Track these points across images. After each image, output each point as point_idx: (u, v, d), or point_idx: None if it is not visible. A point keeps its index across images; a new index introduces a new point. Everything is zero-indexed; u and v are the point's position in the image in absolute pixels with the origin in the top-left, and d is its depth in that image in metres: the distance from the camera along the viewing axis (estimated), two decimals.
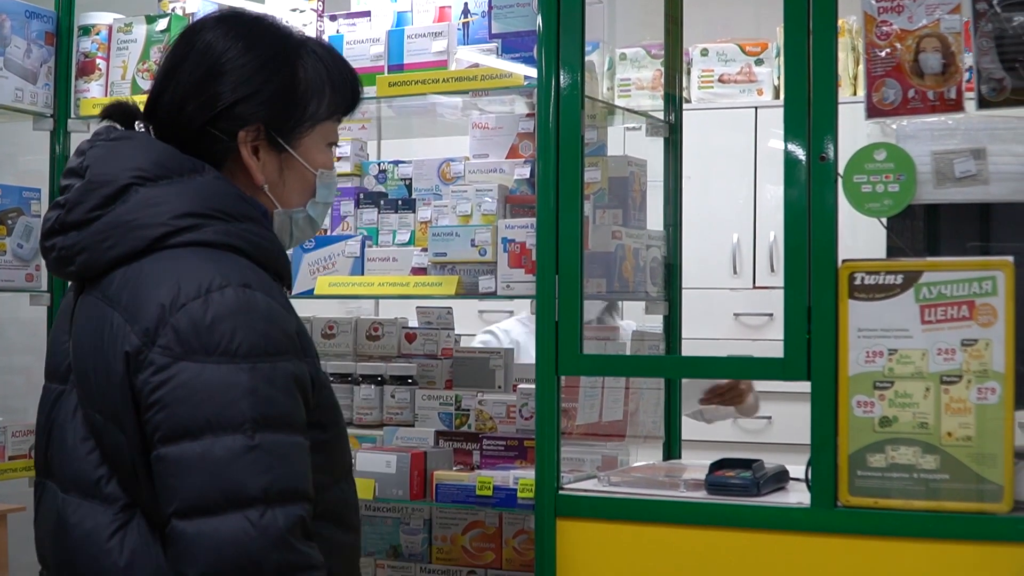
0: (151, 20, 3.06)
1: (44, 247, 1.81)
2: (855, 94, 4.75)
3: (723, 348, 4.82)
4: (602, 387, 2.79)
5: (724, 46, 5.18)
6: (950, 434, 2.12)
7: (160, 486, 1.64)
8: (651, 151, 2.94)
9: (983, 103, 2.16)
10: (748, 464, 2.39)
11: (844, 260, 2.21)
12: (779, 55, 5.08)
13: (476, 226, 2.68)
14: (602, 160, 2.76)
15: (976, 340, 2.11)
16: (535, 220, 2.49)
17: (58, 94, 3.10)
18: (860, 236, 2.47)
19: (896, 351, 2.16)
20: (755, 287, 5.07)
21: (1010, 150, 2.19)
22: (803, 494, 2.27)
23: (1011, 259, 2.11)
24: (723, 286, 5.09)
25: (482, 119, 2.94)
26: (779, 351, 2.28)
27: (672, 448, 2.95)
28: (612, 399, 2.83)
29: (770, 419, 4.82)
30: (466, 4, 2.77)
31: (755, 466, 2.38)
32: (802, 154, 2.26)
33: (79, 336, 1.76)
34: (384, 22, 2.87)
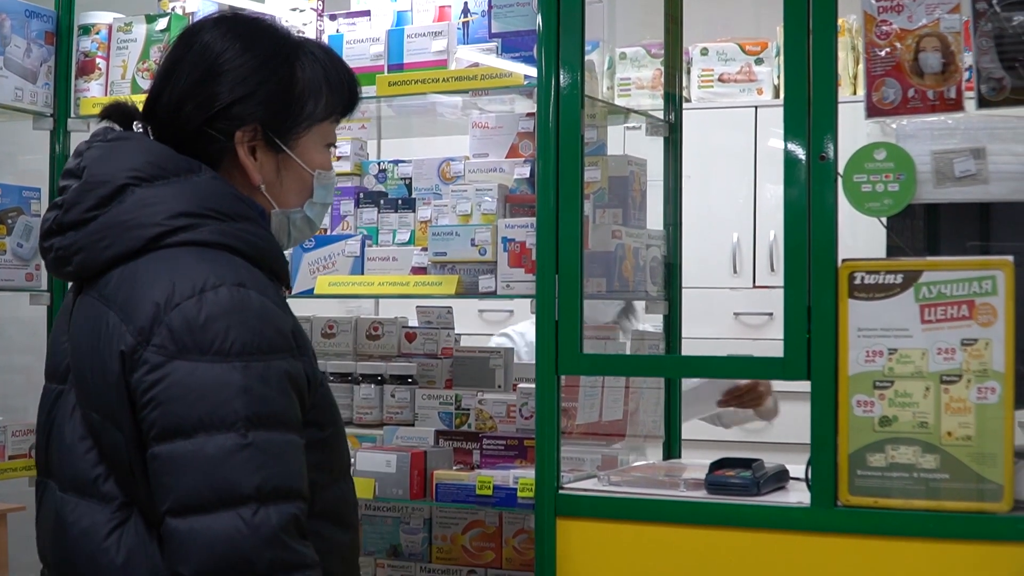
0: (151, 19, 3.06)
1: (43, 247, 1.83)
2: (855, 93, 4.75)
3: (723, 347, 4.82)
4: (602, 386, 2.79)
5: (724, 45, 5.18)
6: (950, 433, 2.12)
7: (155, 484, 1.65)
8: (651, 150, 2.94)
9: (983, 102, 2.16)
10: (748, 463, 2.39)
11: (844, 259, 2.21)
12: (779, 54, 5.09)
13: (476, 225, 2.68)
14: (602, 159, 2.76)
15: (976, 340, 2.11)
16: (535, 219, 2.49)
17: (58, 93, 3.10)
18: (860, 236, 2.47)
19: (896, 351, 2.16)
20: (755, 286, 5.07)
21: (1010, 149, 2.19)
22: (803, 493, 2.27)
23: (1011, 259, 2.11)
24: (723, 285, 5.09)
25: (482, 118, 2.94)
26: (779, 350, 2.28)
27: (672, 447, 2.95)
28: (612, 398, 2.83)
29: None
30: (466, 3, 2.77)
31: (755, 465, 2.38)
32: (802, 153, 2.26)
33: (77, 336, 1.77)
34: (384, 21, 2.87)
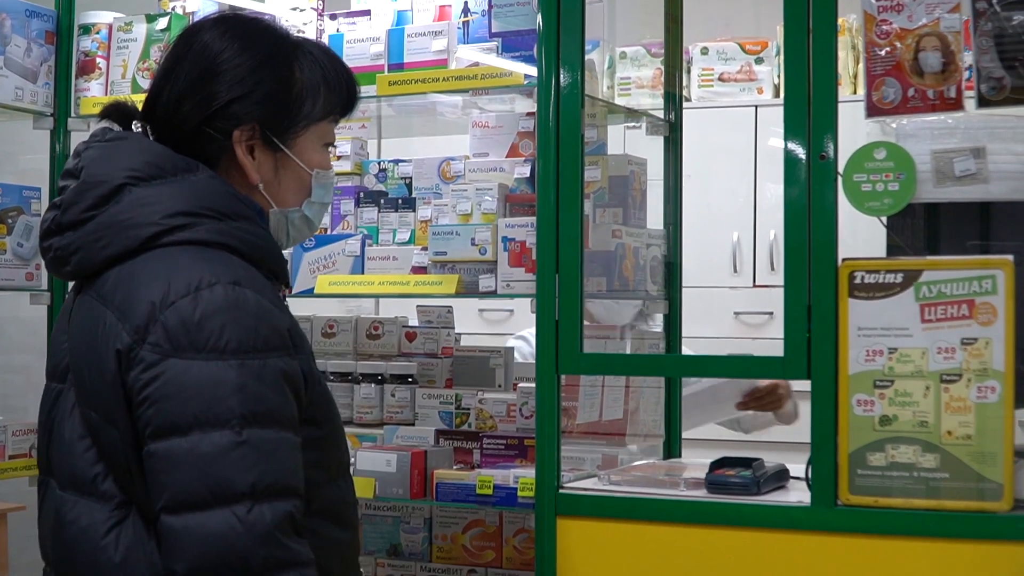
0: (151, 19, 3.06)
1: (42, 247, 1.84)
2: (855, 93, 4.75)
3: (723, 347, 4.82)
4: (602, 386, 2.79)
5: (724, 45, 5.19)
6: (950, 433, 2.12)
7: (151, 482, 1.66)
8: (651, 150, 2.94)
9: (983, 102, 2.16)
10: (748, 463, 2.39)
11: (844, 259, 2.21)
12: (779, 54, 5.09)
13: (476, 225, 2.68)
14: (602, 159, 2.76)
15: (976, 339, 2.11)
16: (535, 219, 2.49)
17: (58, 93, 3.10)
18: (860, 235, 2.47)
19: (896, 350, 2.16)
20: (755, 286, 5.07)
21: (1010, 149, 2.19)
22: (803, 493, 2.27)
23: (1011, 258, 2.11)
24: (723, 285, 5.09)
25: (482, 118, 2.94)
26: (779, 350, 2.28)
27: (672, 447, 2.95)
28: (612, 398, 2.83)
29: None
30: (466, 3, 2.77)
31: (755, 465, 2.38)
32: (802, 153, 2.26)
33: (75, 335, 1.78)
34: (384, 21, 2.87)
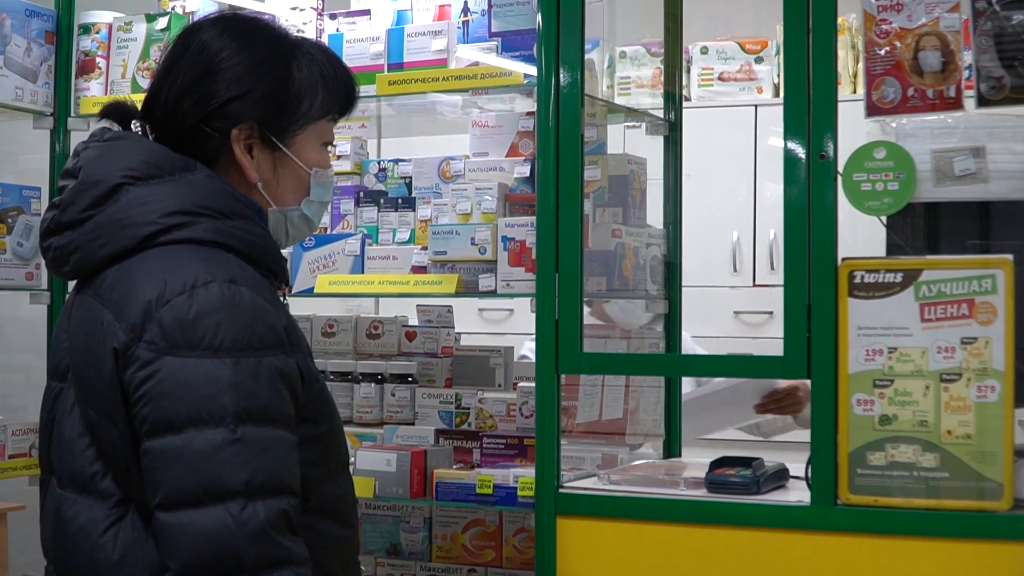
0: (151, 19, 3.06)
1: (42, 247, 1.84)
2: (855, 92, 4.75)
3: (723, 346, 4.82)
4: (602, 385, 2.79)
5: (724, 44, 5.19)
6: (950, 432, 2.12)
7: (147, 479, 1.66)
8: (651, 149, 2.94)
9: (982, 101, 2.16)
10: (748, 462, 2.39)
11: (844, 258, 2.21)
12: (779, 53, 5.09)
13: (476, 224, 2.68)
14: (602, 158, 2.76)
15: (976, 338, 2.11)
16: (535, 218, 2.49)
17: (58, 93, 3.10)
18: (860, 234, 2.47)
19: (896, 349, 2.16)
20: (755, 285, 5.07)
21: (1009, 148, 2.19)
22: (803, 492, 2.27)
23: (1011, 257, 2.11)
24: (723, 284, 5.09)
25: (482, 117, 2.94)
26: (779, 349, 2.28)
27: (672, 446, 2.95)
28: (612, 397, 2.83)
29: None
30: (466, 2, 2.77)
31: (755, 464, 2.38)
32: (802, 152, 2.26)
33: (75, 334, 1.79)
34: (384, 20, 2.87)
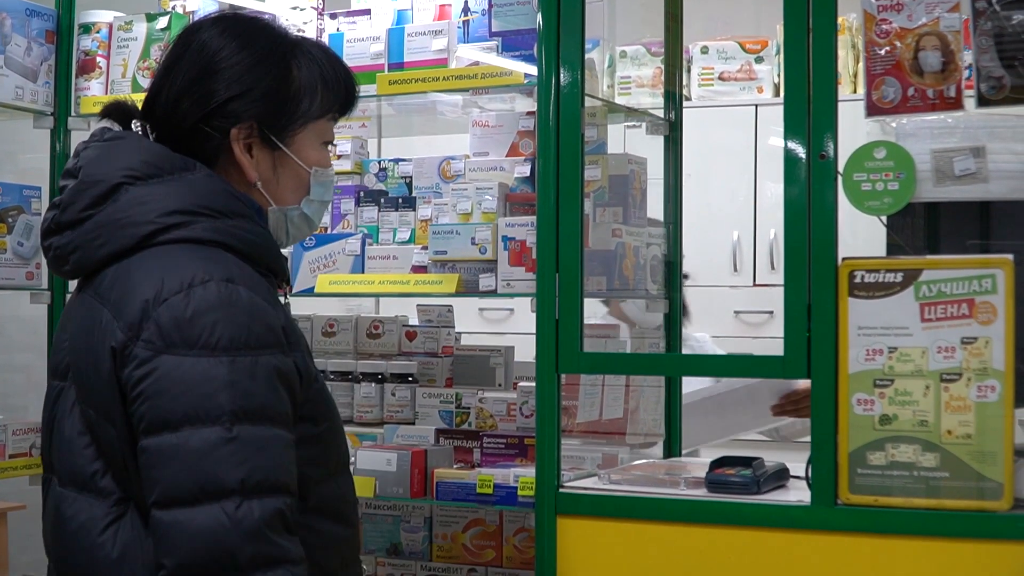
0: (151, 18, 3.06)
1: (43, 247, 1.85)
2: (855, 92, 4.75)
3: (723, 346, 4.82)
4: (602, 385, 2.79)
5: (724, 44, 5.19)
6: (950, 432, 2.12)
7: (143, 477, 1.67)
8: (651, 149, 2.94)
9: (982, 101, 2.16)
10: (748, 462, 2.39)
11: (844, 258, 2.21)
12: (779, 53, 5.09)
13: (476, 224, 2.68)
14: (602, 158, 2.76)
15: (976, 338, 2.11)
16: (535, 218, 2.49)
17: (58, 92, 3.10)
18: (860, 234, 2.47)
19: (896, 349, 2.16)
20: (755, 285, 5.07)
21: (1009, 148, 2.19)
22: (803, 492, 2.27)
23: (1011, 257, 2.11)
24: (723, 284, 5.10)
25: (482, 117, 2.94)
26: (779, 349, 2.28)
27: (672, 446, 2.95)
28: (612, 397, 2.83)
29: None
30: (466, 2, 2.77)
31: (755, 464, 2.38)
32: (802, 152, 2.26)
33: (74, 334, 1.79)
34: (384, 20, 2.87)
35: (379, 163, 3.06)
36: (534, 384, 2.49)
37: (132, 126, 1.89)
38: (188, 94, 1.82)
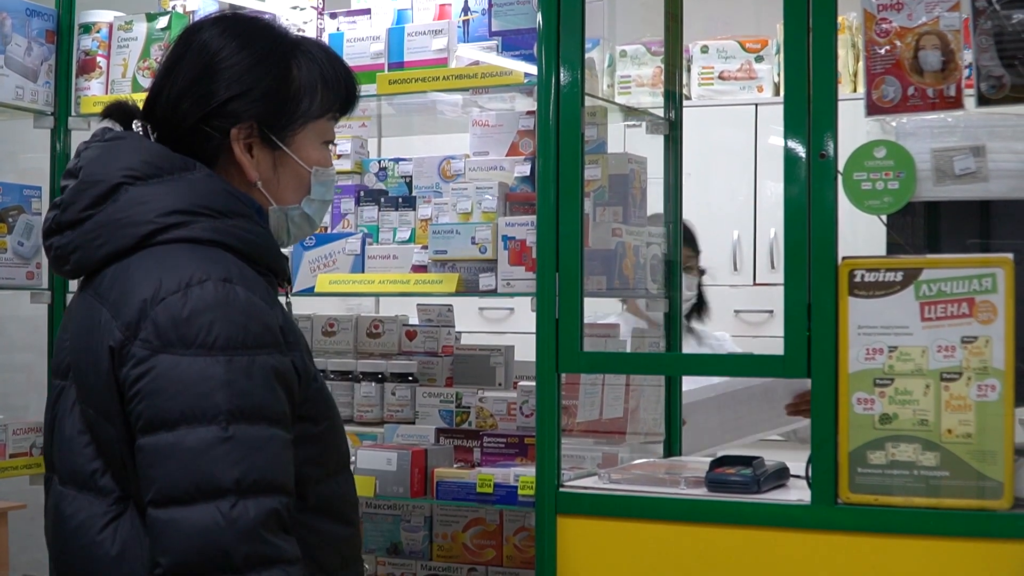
0: (151, 18, 3.06)
1: (45, 246, 1.86)
2: (855, 91, 4.75)
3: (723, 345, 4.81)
4: (602, 384, 2.79)
5: (724, 43, 5.18)
6: (950, 431, 2.12)
7: (141, 476, 1.67)
8: (651, 148, 2.94)
9: (982, 100, 2.16)
10: (748, 461, 2.39)
11: (844, 257, 2.21)
12: (779, 52, 5.09)
13: (476, 224, 2.68)
14: (602, 157, 2.76)
15: (976, 337, 2.11)
16: (535, 218, 2.49)
17: (58, 92, 3.10)
18: (860, 233, 2.47)
19: (896, 348, 2.16)
20: (755, 284, 5.07)
21: (1009, 147, 2.19)
22: (803, 491, 2.27)
23: (1011, 256, 2.11)
24: (723, 283, 5.09)
25: (482, 116, 2.94)
26: (779, 348, 2.28)
27: (672, 445, 2.95)
28: (612, 396, 2.83)
29: None
30: (466, 2, 2.77)
31: (755, 463, 2.38)
32: (802, 151, 2.26)
33: (75, 333, 1.80)
34: (384, 20, 2.87)
35: (379, 162, 3.06)
36: (534, 383, 2.49)
37: (133, 126, 1.89)
38: (188, 94, 1.82)
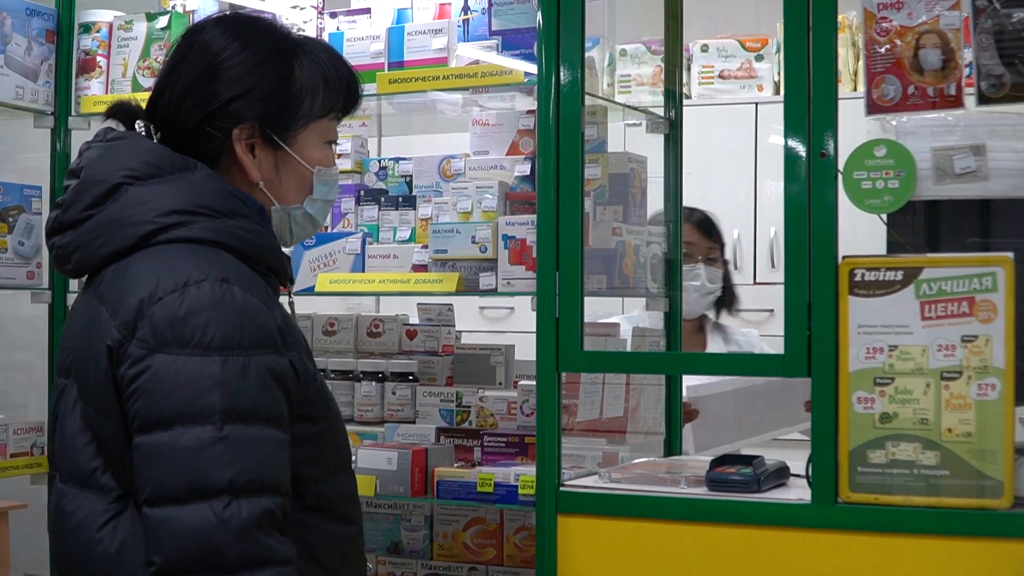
0: (151, 18, 3.06)
1: (48, 246, 1.87)
2: (855, 90, 4.75)
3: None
4: (603, 383, 2.79)
5: (724, 42, 5.18)
6: (950, 430, 2.12)
7: (137, 475, 1.68)
8: (651, 147, 2.94)
9: (983, 99, 2.16)
10: (748, 460, 2.39)
11: (844, 256, 2.21)
12: (779, 51, 5.08)
13: (476, 223, 2.68)
14: (602, 156, 2.76)
15: (976, 336, 2.11)
16: (535, 217, 2.49)
17: (59, 92, 3.10)
18: (860, 232, 2.47)
19: (896, 347, 2.16)
20: (755, 283, 5.07)
21: (1010, 146, 2.19)
22: (804, 490, 2.27)
23: (1011, 255, 2.11)
24: None
25: (482, 116, 2.94)
26: (780, 347, 2.28)
27: (673, 444, 2.95)
28: (613, 395, 2.83)
29: None
30: (466, 1, 2.77)
31: (755, 462, 2.38)
32: (802, 150, 2.26)
33: (76, 332, 1.81)
34: (384, 19, 2.87)
35: (379, 162, 3.06)
36: (534, 383, 2.49)
37: (135, 126, 1.89)
38: (190, 94, 1.83)
